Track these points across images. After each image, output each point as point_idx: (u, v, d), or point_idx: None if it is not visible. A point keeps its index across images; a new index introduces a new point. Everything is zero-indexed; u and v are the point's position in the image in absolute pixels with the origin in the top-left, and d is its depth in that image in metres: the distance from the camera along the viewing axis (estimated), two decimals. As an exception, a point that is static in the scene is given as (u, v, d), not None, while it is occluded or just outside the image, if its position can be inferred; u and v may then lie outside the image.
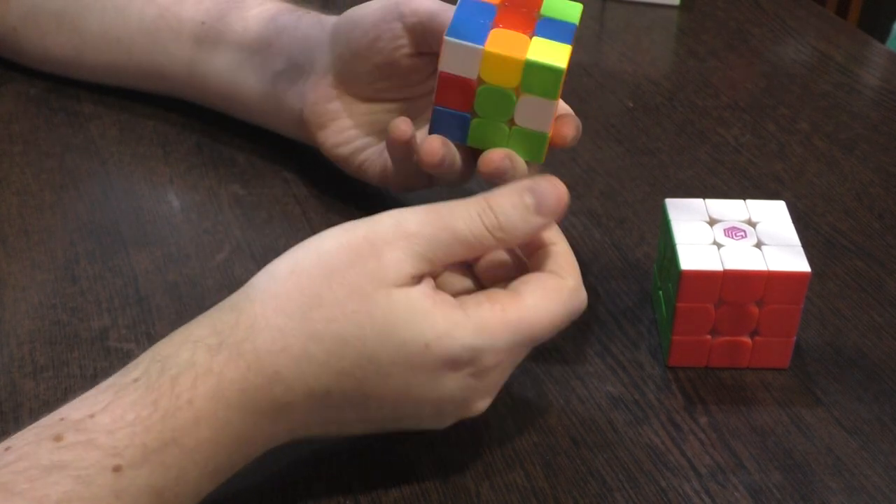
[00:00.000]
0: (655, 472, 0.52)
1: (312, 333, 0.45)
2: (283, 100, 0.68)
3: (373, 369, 0.46)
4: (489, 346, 0.47)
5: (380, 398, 0.47)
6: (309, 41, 0.66)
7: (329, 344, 0.45)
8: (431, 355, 0.46)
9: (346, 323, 0.45)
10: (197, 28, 0.71)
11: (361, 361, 0.46)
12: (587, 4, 0.95)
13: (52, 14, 0.75)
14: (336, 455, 0.52)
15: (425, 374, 0.46)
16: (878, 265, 0.65)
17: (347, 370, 0.46)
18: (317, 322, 0.45)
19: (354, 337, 0.45)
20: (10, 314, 0.59)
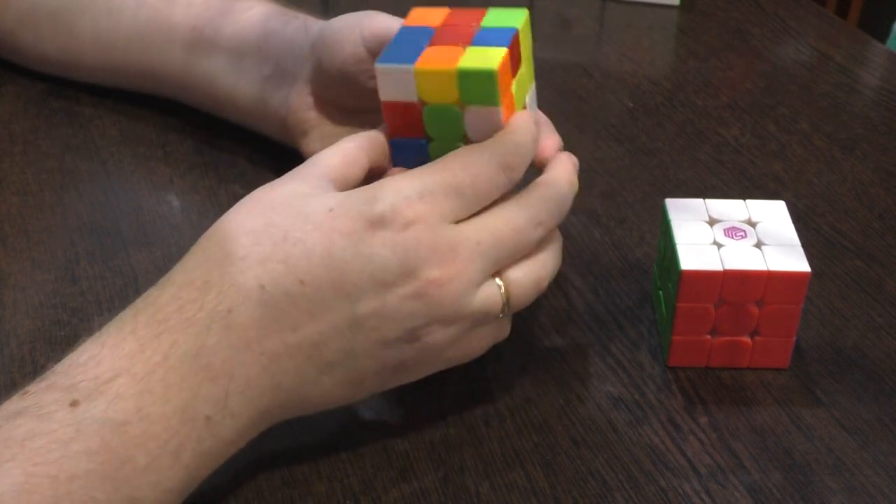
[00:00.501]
0: (655, 472, 0.52)
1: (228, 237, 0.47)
2: (270, 104, 0.68)
3: (290, 246, 0.46)
4: (397, 195, 0.47)
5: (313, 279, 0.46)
6: (294, 47, 0.66)
7: (243, 239, 0.47)
8: (338, 215, 0.47)
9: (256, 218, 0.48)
10: (188, 32, 0.71)
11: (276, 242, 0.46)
12: (587, 5, 0.95)
13: (47, 16, 0.75)
14: (336, 455, 0.52)
15: (342, 237, 0.46)
16: (878, 265, 0.65)
17: (267, 254, 0.46)
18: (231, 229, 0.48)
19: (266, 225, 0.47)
20: (10, 314, 0.59)
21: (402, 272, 0.47)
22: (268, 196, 0.48)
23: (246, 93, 0.69)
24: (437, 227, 0.48)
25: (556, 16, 0.93)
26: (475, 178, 0.48)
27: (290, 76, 0.66)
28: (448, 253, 0.48)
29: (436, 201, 0.48)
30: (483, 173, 0.49)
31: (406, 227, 0.47)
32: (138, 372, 0.44)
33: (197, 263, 0.47)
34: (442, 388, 0.56)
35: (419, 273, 0.47)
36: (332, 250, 0.46)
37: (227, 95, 0.70)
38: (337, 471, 0.51)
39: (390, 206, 0.47)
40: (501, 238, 0.49)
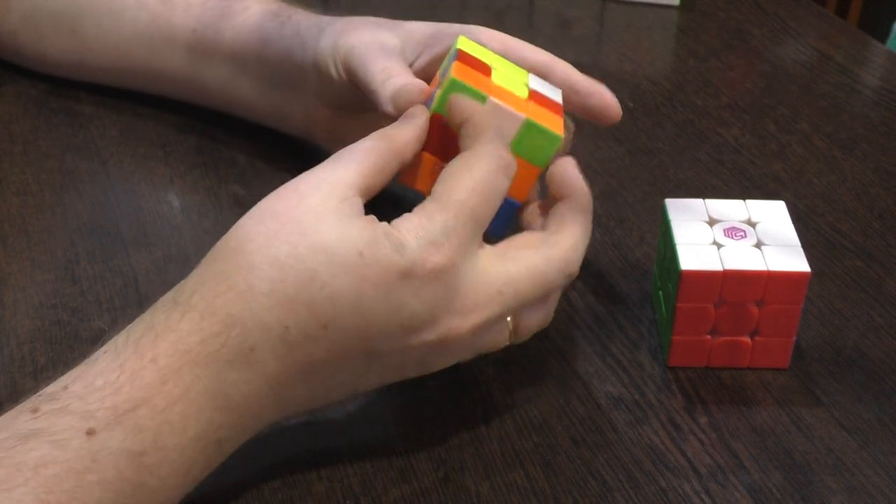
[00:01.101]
0: (655, 472, 0.52)
1: (250, 265, 0.46)
2: (287, 110, 0.68)
3: (317, 290, 0.46)
4: (423, 240, 0.47)
5: (340, 326, 0.46)
6: (293, 60, 0.65)
7: (267, 270, 0.45)
8: (368, 263, 0.46)
9: (280, 244, 0.46)
10: (188, 36, 0.71)
11: (302, 282, 0.45)
12: (587, 5, 0.95)
13: (50, 18, 0.75)
14: (336, 455, 0.52)
15: (372, 287, 0.46)
16: (878, 265, 0.65)
17: (293, 295, 0.45)
18: (252, 254, 0.46)
19: (290, 255, 0.46)
20: (10, 314, 0.59)
21: (427, 318, 0.47)
22: (291, 214, 0.47)
23: (257, 96, 0.69)
24: (462, 267, 0.48)
25: (556, 16, 0.93)
26: (483, 194, 0.49)
27: (297, 86, 0.66)
28: (471, 300, 0.48)
29: (458, 236, 0.48)
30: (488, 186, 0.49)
31: (435, 276, 0.47)
32: (159, 404, 0.43)
33: (218, 290, 0.46)
34: (442, 388, 0.56)
35: (441, 320, 0.48)
36: (361, 300, 0.46)
37: (237, 98, 0.70)
38: (337, 471, 0.51)
39: (419, 253, 0.46)
40: (524, 290, 0.50)
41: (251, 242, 0.46)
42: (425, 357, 0.49)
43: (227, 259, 0.46)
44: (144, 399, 0.43)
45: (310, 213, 0.47)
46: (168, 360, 0.44)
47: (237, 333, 0.45)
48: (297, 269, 0.46)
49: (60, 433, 0.42)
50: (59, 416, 0.42)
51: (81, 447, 0.42)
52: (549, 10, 0.94)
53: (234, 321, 0.45)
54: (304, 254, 0.46)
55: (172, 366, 0.44)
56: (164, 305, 0.46)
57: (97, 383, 0.43)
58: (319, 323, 0.46)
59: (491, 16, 0.92)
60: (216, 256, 0.47)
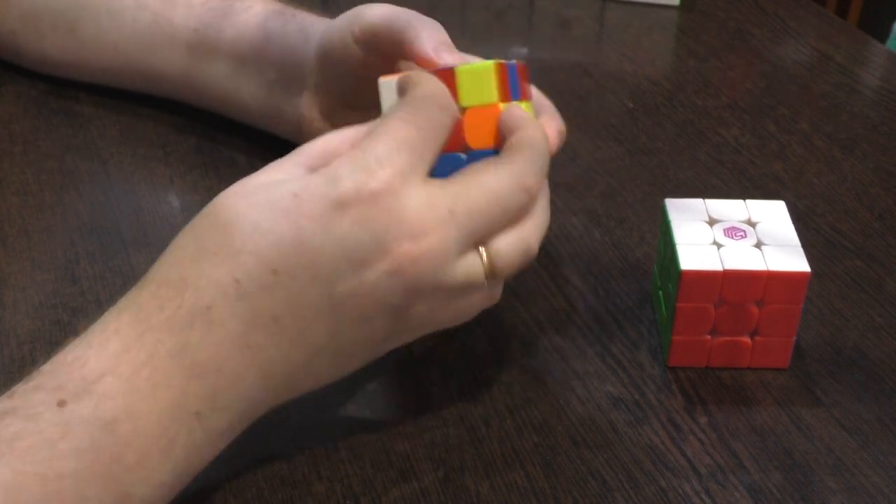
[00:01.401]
0: (655, 472, 0.52)
1: (200, 233, 0.47)
2: (282, 109, 0.68)
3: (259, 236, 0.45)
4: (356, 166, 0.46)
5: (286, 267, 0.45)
6: (295, 55, 0.65)
7: (214, 233, 0.46)
8: (304, 200, 0.46)
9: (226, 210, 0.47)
10: (190, 35, 0.71)
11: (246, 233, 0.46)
12: (587, 5, 0.95)
13: (49, 17, 0.75)
14: (336, 455, 0.52)
15: (310, 221, 0.45)
16: (878, 265, 0.65)
17: (238, 247, 0.45)
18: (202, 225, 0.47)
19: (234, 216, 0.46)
20: (10, 314, 0.59)
21: (375, 248, 0.46)
22: (240, 188, 0.48)
23: (254, 97, 0.69)
24: (403, 191, 0.46)
25: (556, 16, 0.93)
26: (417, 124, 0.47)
27: (297, 83, 0.66)
28: (418, 224, 0.46)
29: (392, 163, 0.46)
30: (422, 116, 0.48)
31: (371, 200, 0.46)
32: (124, 371, 0.44)
33: (173, 260, 0.47)
34: (442, 388, 0.56)
35: (392, 248, 0.46)
36: (302, 236, 0.46)
37: (234, 99, 0.70)
38: (337, 471, 0.51)
39: (353, 181, 0.46)
40: (477, 207, 0.47)
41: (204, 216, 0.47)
42: (395, 304, 0.47)
43: (181, 237, 0.48)
44: (110, 368, 0.44)
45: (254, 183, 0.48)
46: (129, 330, 0.45)
47: (191, 294, 0.45)
48: (240, 224, 0.46)
49: (33, 407, 0.43)
50: (32, 394, 0.43)
51: (53, 418, 0.43)
52: (549, 10, 0.94)
53: (186, 283, 0.46)
54: (245, 209, 0.46)
55: (134, 333, 0.45)
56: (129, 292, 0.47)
57: (66, 360, 0.45)
58: (268, 268, 0.46)
59: (491, 16, 0.92)
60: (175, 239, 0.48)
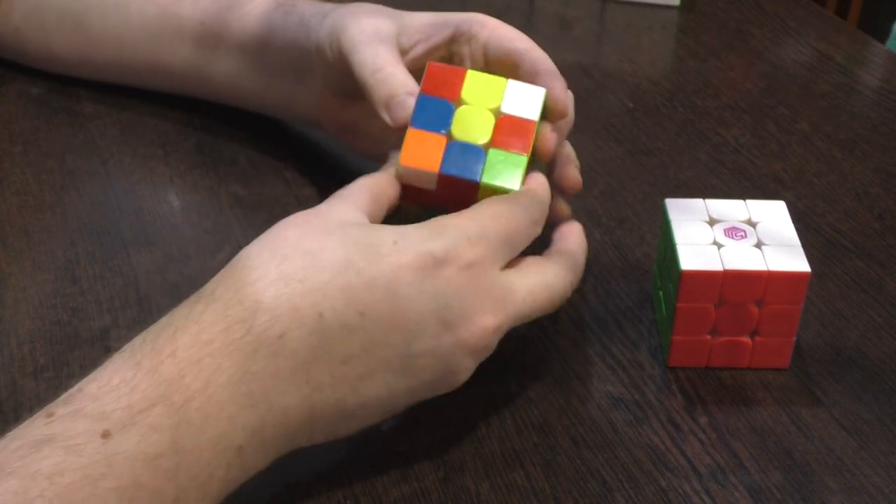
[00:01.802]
0: (655, 472, 0.52)
1: (283, 256, 0.45)
2: (295, 100, 0.68)
3: (353, 275, 0.45)
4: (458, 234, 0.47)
5: (374, 312, 0.45)
6: (298, 48, 0.65)
7: (300, 259, 0.45)
8: (403, 250, 0.46)
9: (312, 240, 0.45)
10: (196, 28, 0.70)
11: (338, 268, 0.45)
12: (587, 5, 0.95)
13: (54, 13, 0.75)
14: (336, 455, 0.52)
15: (408, 273, 0.46)
16: (878, 265, 0.65)
17: (327, 280, 0.44)
18: (284, 248, 0.45)
19: (322, 248, 0.45)
20: (10, 314, 0.59)
21: (461, 314, 0.47)
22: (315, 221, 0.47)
23: (265, 87, 0.69)
24: (491, 272, 0.48)
25: (556, 16, 0.93)
26: (518, 229, 0.50)
27: (306, 73, 0.65)
28: (500, 303, 0.48)
29: (491, 246, 0.48)
30: (522, 225, 0.50)
31: (468, 268, 0.47)
32: (176, 401, 0.41)
33: (246, 280, 0.44)
34: (442, 388, 0.56)
35: (474, 317, 0.47)
36: (397, 285, 0.45)
37: (245, 90, 0.70)
38: (337, 471, 0.51)
39: (454, 244, 0.47)
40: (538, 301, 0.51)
41: (283, 239, 0.46)
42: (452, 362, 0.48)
43: (255, 256, 0.45)
44: (161, 396, 0.41)
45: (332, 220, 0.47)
46: (188, 353, 0.42)
47: (265, 320, 0.43)
48: (332, 258, 0.45)
49: (75, 437, 0.40)
50: (73, 420, 0.41)
51: (96, 452, 0.40)
52: (549, 10, 0.94)
53: (262, 308, 0.43)
54: (336, 246, 0.45)
55: (192, 358, 0.42)
56: (185, 304, 0.45)
57: (113, 382, 0.42)
58: (356, 310, 0.44)
59: (490, 15, 0.92)
60: (242, 256, 0.46)
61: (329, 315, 0.44)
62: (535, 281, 0.51)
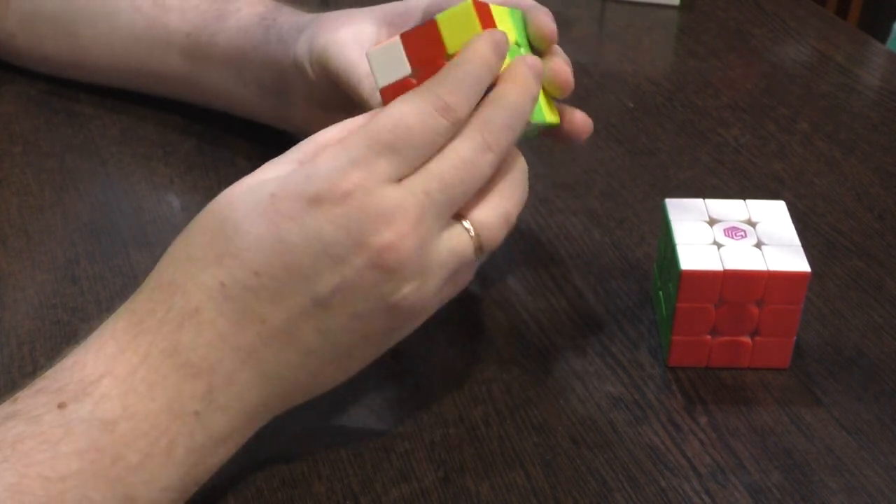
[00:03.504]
0: (655, 472, 0.52)
1: (188, 238, 0.48)
2: (284, 112, 0.68)
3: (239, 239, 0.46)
4: (331, 166, 0.46)
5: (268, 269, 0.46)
6: (278, 64, 0.65)
7: (200, 236, 0.47)
8: (280, 199, 0.46)
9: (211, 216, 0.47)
10: (183, 40, 0.71)
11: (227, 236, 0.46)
12: (587, 5, 0.95)
13: (48, 19, 0.75)
14: (336, 455, 0.52)
15: (287, 221, 0.46)
16: (878, 265, 0.65)
17: (221, 251, 0.46)
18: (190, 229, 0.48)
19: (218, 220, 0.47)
20: (10, 314, 0.59)
21: (351, 244, 0.46)
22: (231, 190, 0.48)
23: (252, 98, 0.69)
24: (375, 190, 0.46)
25: (556, 16, 0.93)
26: (407, 130, 0.46)
27: (289, 87, 0.66)
28: (394, 213, 0.46)
29: (369, 165, 0.46)
30: (415, 123, 0.46)
31: (345, 198, 0.45)
32: (120, 372, 0.45)
33: (165, 266, 0.48)
34: (442, 388, 0.56)
35: (369, 241, 0.46)
36: (280, 236, 0.46)
37: (234, 99, 0.71)
38: (337, 471, 0.51)
39: (327, 180, 0.46)
40: (447, 179, 0.47)
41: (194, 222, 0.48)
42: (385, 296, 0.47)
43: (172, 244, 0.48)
44: (107, 369, 0.45)
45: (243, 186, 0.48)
46: (124, 333, 0.46)
47: (180, 297, 0.46)
48: (224, 228, 0.47)
49: (35, 410, 0.44)
50: (33, 398, 0.44)
51: (54, 420, 0.43)
52: (549, 10, 0.94)
53: (176, 287, 0.46)
54: (229, 213, 0.47)
55: (128, 336, 0.46)
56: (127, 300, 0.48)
57: (66, 364, 0.46)
58: (250, 270, 0.46)
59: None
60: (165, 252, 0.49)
61: (229, 282, 0.46)
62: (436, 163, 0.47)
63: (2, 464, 0.42)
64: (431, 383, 0.56)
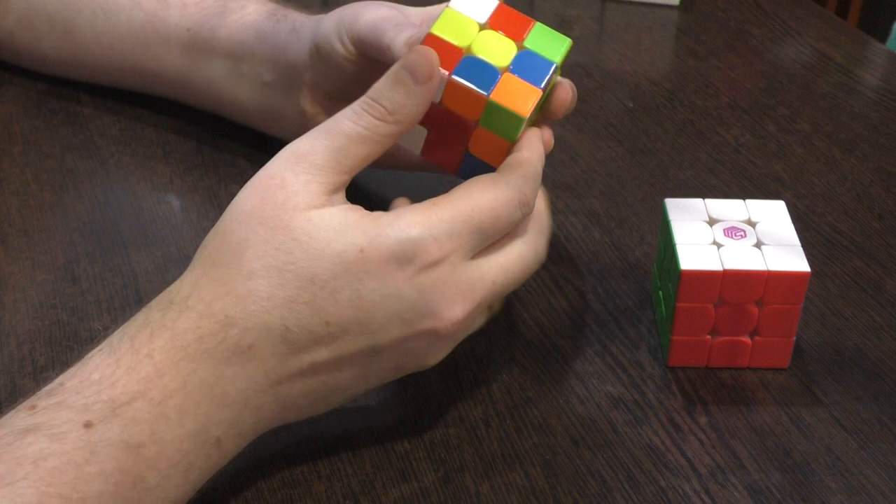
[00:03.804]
0: (655, 472, 0.52)
1: (250, 272, 0.46)
2: (281, 108, 0.67)
3: (317, 288, 0.46)
4: (426, 234, 0.47)
5: (340, 320, 0.46)
6: (288, 54, 0.65)
7: (267, 277, 0.46)
8: (369, 257, 0.46)
9: (277, 253, 0.46)
10: (183, 35, 0.71)
11: (303, 283, 0.46)
12: (587, 5, 0.95)
13: (46, 18, 0.75)
14: (336, 455, 0.52)
15: (372, 279, 0.46)
16: (878, 265, 0.65)
17: (293, 296, 0.46)
18: (250, 262, 0.46)
19: (287, 262, 0.46)
20: (10, 314, 0.59)
21: (426, 312, 0.48)
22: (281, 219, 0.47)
23: (249, 97, 0.69)
24: (459, 266, 0.48)
25: (556, 16, 0.93)
26: (498, 216, 0.49)
27: (293, 82, 0.66)
28: (468, 293, 0.49)
29: (461, 240, 0.48)
30: (505, 211, 0.49)
31: (433, 266, 0.47)
32: (155, 397, 0.44)
33: (216, 293, 0.46)
34: (442, 388, 0.56)
35: (441, 312, 0.48)
36: (362, 292, 0.47)
37: (229, 99, 0.70)
38: (337, 471, 0.51)
39: (421, 246, 0.47)
40: (512, 276, 0.51)
41: (248, 249, 0.47)
42: (421, 350, 0.49)
43: (225, 265, 0.47)
44: (140, 392, 0.44)
45: (299, 217, 0.47)
46: (164, 356, 0.45)
47: (235, 333, 0.46)
48: (297, 274, 0.46)
49: (58, 426, 0.42)
50: (56, 411, 0.43)
51: (80, 439, 0.42)
52: (549, 10, 0.94)
53: (232, 322, 0.46)
54: (302, 259, 0.46)
55: (168, 360, 0.45)
56: (159, 305, 0.47)
57: (93, 378, 0.44)
58: (322, 319, 0.46)
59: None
60: (213, 261, 0.47)
61: (295, 327, 0.46)
62: (506, 259, 0.50)
63: (22, 481, 0.41)
64: (431, 383, 0.56)
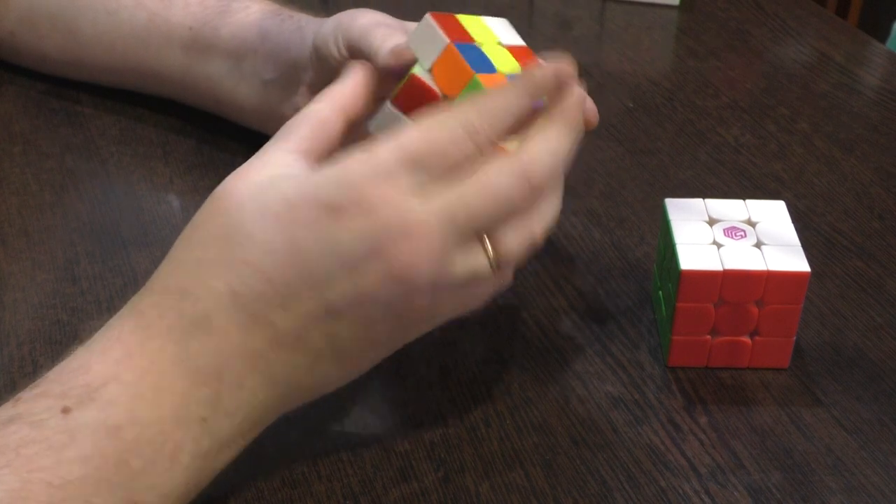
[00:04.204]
0: (655, 472, 0.52)
1: (197, 241, 0.47)
2: (279, 108, 0.67)
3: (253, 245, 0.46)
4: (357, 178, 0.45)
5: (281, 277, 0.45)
6: (290, 53, 0.65)
7: (213, 244, 0.46)
8: (297, 206, 0.45)
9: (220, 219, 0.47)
10: (186, 33, 0.71)
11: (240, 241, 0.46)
12: (587, 5, 0.95)
13: (47, 17, 0.75)
14: (336, 455, 0.52)
15: (303, 229, 0.45)
16: (878, 265, 0.65)
17: (232, 257, 0.46)
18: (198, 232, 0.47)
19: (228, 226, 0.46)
20: (10, 314, 0.59)
21: (369, 256, 0.45)
22: (234, 189, 0.47)
23: (248, 95, 0.69)
24: (403, 204, 0.45)
25: (556, 16, 0.93)
26: (437, 147, 0.46)
27: (293, 82, 0.66)
28: (417, 230, 0.45)
29: (399, 178, 0.46)
30: (444, 141, 0.46)
31: (372, 209, 0.45)
32: (127, 378, 0.44)
33: (172, 269, 0.47)
34: (442, 388, 0.56)
35: (388, 254, 0.45)
36: (296, 243, 0.45)
37: (228, 97, 0.70)
38: (337, 471, 0.51)
39: (353, 190, 0.45)
40: (474, 207, 0.47)
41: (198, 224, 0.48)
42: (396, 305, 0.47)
43: (180, 245, 0.48)
44: (114, 375, 0.44)
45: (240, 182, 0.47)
46: (132, 337, 0.45)
47: (190, 303, 0.46)
48: (235, 233, 0.46)
49: (38, 414, 0.43)
50: (37, 400, 0.44)
51: (58, 425, 0.43)
52: (549, 10, 0.94)
53: (186, 293, 0.46)
54: (240, 217, 0.46)
55: (136, 340, 0.45)
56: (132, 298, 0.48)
57: (72, 366, 0.45)
58: (263, 277, 0.45)
59: (490, 15, 0.92)
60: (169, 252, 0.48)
61: (241, 288, 0.46)
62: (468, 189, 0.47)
63: (4, 468, 0.42)
64: (431, 383, 0.56)
